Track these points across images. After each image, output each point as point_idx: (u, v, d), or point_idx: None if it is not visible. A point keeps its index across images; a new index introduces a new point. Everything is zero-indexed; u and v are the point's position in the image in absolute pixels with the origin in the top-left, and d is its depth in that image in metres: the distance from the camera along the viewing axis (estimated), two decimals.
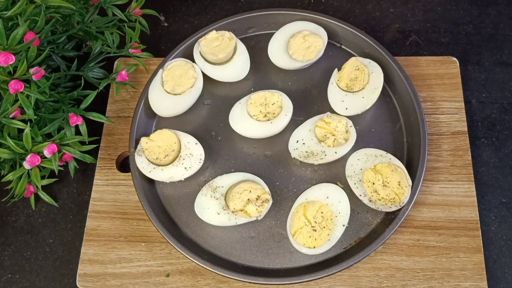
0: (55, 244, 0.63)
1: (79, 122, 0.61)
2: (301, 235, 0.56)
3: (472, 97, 0.70)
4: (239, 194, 0.58)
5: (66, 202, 0.66)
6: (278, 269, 0.58)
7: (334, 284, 0.57)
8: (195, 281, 0.58)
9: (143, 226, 0.61)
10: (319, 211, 0.57)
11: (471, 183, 0.61)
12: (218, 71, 0.67)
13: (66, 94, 0.62)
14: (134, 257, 0.60)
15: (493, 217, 0.62)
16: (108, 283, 0.58)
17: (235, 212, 0.58)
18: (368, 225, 0.59)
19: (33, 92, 0.53)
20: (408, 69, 0.68)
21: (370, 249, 0.55)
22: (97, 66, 0.66)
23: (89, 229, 0.62)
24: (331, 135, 0.61)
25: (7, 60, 0.50)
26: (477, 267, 0.57)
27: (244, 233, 0.60)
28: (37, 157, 0.55)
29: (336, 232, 0.57)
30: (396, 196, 0.57)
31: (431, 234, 0.59)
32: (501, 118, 0.68)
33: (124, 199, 0.63)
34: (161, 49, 0.76)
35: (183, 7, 0.80)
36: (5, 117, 0.54)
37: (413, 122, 0.63)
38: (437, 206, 0.60)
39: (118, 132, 0.68)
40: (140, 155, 0.62)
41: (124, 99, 0.70)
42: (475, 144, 0.66)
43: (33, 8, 0.54)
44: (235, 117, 0.64)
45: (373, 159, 0.60)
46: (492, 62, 0.72)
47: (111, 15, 0.64)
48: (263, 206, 0.57)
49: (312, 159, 0.61)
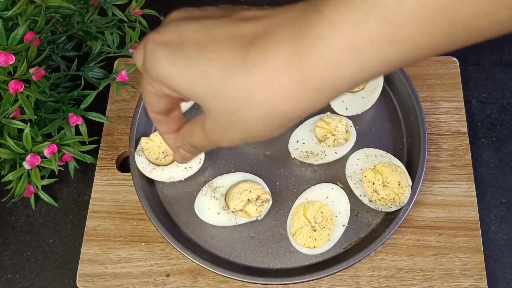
0: (55, 244, 0.63)
1: (79, 122, 0.61)
2: (301, 235, 0.56)
3: (472, 97, 0.70)
4: (239, 194, 0.58)
5: (66, 202, 0.66)
6: (278, 269, 0.58)
7: (334, 284, 0.57)
8: (195, 281, 0.58)
9: (143, 226, 0.61)
10: (319, 211, 0.57)
11: (471, 183, 0.61)
12: None
13: (66, 94, 0.62)
14: (134, 257, 0.60)
15: (493, 217, 0.62)
16: (108, 283, 0.58)
17: (235, 212, 0.58)
18: (368, 225, 0.59)
19: (33, 92, 0.53)
20: (408, 69, 0.68)
21: (370, 249, 0.55)
22: (97, 66, 0.66)
23: (89, 229, 0.62)
24: (331, 135, 0.61)
25: (7, 60, 0.50)
26: (477, 267, 0.57)
27: (244, 233, 0.60)
28: (37, 157, 0.55)
29: (336, 232, 0.57)
30: (396, 196, 0.57)
31: (431, 234, 0.59)
32: (501, 118, 0.68)
33: (124, 199, 0.63)
34: None
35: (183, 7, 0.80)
36: (5, 117, 0.54)
37: (413, 122, 0.63)
38: (437, 206, 0.60)
39: (118, 132, 0.67)
40: (140, 155, 0.62)
41: (124, 99, 0.70)
42: (475, 144, 0.66)
43: (33, 8, 0.54)
44: None
45: (373, 159, 0.60)
46: (492, 62, 0.72)
47: (111, 15, 0.64)
48: (263, 206, 0.57)
49: (312, 159, 0.61)
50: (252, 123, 0.28)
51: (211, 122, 0.30)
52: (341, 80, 0.26)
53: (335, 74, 0.25)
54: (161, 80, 0.30)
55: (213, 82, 0.28)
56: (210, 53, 0.28)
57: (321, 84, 0.26)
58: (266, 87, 0.26)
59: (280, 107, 0.27)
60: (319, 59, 0.25)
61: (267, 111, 0.27)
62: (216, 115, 0.29)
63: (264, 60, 0.26)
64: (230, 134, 0.30)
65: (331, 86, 0.26)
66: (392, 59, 0.25)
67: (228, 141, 0.31)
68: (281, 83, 0.26)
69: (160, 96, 0.32)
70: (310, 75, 0.26)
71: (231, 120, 0.29)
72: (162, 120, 0.36)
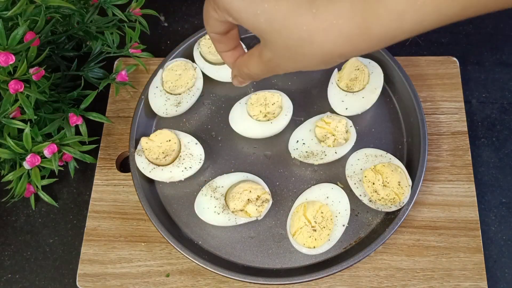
0: (55, 244, 0.63)
1: (79, 122, 0.61)
2: (301, 235, 0.56)
3: (472, 97, 0.70)
4: (239, 194, 0.58)
5: (66, 202, 0.66)
6: (278, 269, 0.58)
7: (334, 284, 0.57)
8: (195, 281, 0.58)
9: (143, 226, 0.61)
10: (319, 211, 0.57)
11: (471, 183, 0.61)
12: (218, 71, 0.67)
13: (66, 94, 0.62)
14: (134, 257, 0.60)
15: (493, 217, 0.62)
16: (108, 283, 0.58)
17: (235, 212, 0.58)
18: (368, 225, 0.59)
19: (33, 92, 0.53)
20: (408, 69, 0.68)
21: (370, 249, 0.55)
22: (97, 66, 0.66)
23: (89, 229, 0.62)
24: (331, 135, 0.61)
25: (7, 60, 0.50)
26: (477, 267, 0.57)
27: (244, 233, 0.60)
28: (37, 157, 0.55)
29: (336, 232, 0.57)
30: (396, 196, 0.57)
31: (431, 234, 0.59)
32: (501, 118, 0.68)
33: (124, 199, 0.63)
34: (161, 49, 0.76)
35: (183, 7, 0.80)
36: (5, 117, 0.54)
37: (413, 122, 0.63)
38: (437, 206, 0.60)
39: (118, 132, 0.68)
40: (140, 155, 0.62)
41: (124, 99, 0.70)
42: (475, 144, 0.66)
43: (33, 8, 0.54)
44: (235, 117, 0.64)
45: (373, 159, 0.60)
46: (492, 62, 0.72)
47: (111, 15, 0.64)
48: (263, 206, 0.57)
49: (312, 159, 0.61)
50: (309, 58, 0.32)
51: (270, 53, 0.34)
52: (400, 30, 0.28)
53: (396, 24, 0.28)
54: (227, 10, 0.34)
55: (277, 19, 0.31)
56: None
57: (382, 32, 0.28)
58: (329, 30, 0.29)
59: (338, 48, 0.30)
60: (383, 8, 0.27)
61: (326, 51, 0.31)
62: (276, 47, 0.33)
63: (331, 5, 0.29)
64: (287, 64, 0.34)
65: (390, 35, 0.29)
66: (450, 15, 0.27)
67: (284, 70, 0.35)
68: (343, 28, 0.29)
69: (221, 21, 0.36)
70: (373, 23, 0.28)
71: (290, 53, 0.32)
72: (220, 39, 0.40)
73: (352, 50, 0.30)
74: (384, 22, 0.28)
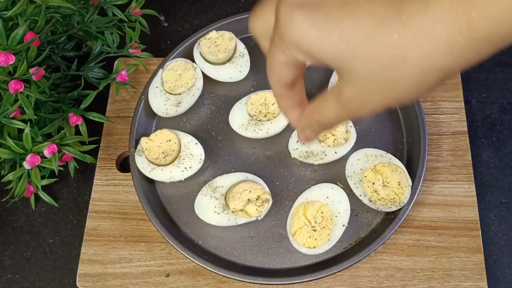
0: (55, 244, 0.63)
1: (79, 122, 0.61)
2: (301, 235, 0.56)
3: (472, 97, 0.70)
4: (239, 194, 0.58)
5: (66, 202, 0.66)
6: (278, 269, 0.58)
7: (334, 284, 0.57)
8: (195, 281, 0.58)
9: (143, 226, 0.61)
10: (319, 211, 0.57)
11: (471, 183, 0.61)
12: (218, 71, 0.67)
13: (66, 94, 0.62)
14: (134, 257, 0.60)
15: (493, 217, 0.62)
16: (108, 283, 0.58)
17: (235, 212, 0.58)
18: (368, 225, 0.59)
19: (33, 92, 0.53)
20: None
21: (370, 249, 0.55)
22: (97, 66, 0.66)
23: (89, 229, 0.62)
24: (331, 135, 0.61)
25: (7, 60, 0.50)
26: (477, 267, 0.57)
27: (244, 233, 0.60)
28: (37, 157, 0.55)
29: (336, 232, 0.57)
30: (396, 196, 0.57)
31: (431, 234, 0.59)
32: (501, 118, 0.68)
33: (124, 199, 0.63)
34: (161, 49, 0.76)
35: (183, 7, 0.80)
36: (5, 117, 0.54)
37: (413, 122, 0.63)
38: (437, 206, 0.60)
39: (118, 132, 0.68)
40: (140, 155, 0.62)
41: (124, 99, 0.70)
42: (475, 144, 0.66)
43: (33, 8, 0.54)
44: (235, 117, 0.64)
45: (373, 159, 0.60)
46: (492, 62, 0.72)
47: (111, 15, 0.64)
48: (263, 206, 0.57)
49: (312, 159, 0.61)
50: (403, 83, 0.26)
51: (352, 88, 0.28)
52: None
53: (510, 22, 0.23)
54: (298, 44, 0.28)
55: (358, 41, 0.26)
56: (356, 10, 0.26)
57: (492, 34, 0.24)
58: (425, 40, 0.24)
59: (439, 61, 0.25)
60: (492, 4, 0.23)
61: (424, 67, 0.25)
62: (358, 78, 0.27)
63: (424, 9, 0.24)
64: (374, 100, 0.28)
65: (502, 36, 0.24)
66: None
67: (370, 108, 0.29)
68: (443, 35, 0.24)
69: (290, 64, 0.31)
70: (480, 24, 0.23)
71: (378, 82, 0.27)
72: (285, 94, 0.34)
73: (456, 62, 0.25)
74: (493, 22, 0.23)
